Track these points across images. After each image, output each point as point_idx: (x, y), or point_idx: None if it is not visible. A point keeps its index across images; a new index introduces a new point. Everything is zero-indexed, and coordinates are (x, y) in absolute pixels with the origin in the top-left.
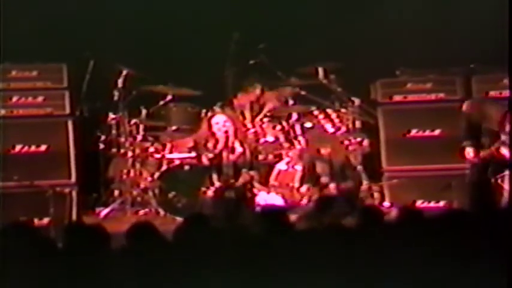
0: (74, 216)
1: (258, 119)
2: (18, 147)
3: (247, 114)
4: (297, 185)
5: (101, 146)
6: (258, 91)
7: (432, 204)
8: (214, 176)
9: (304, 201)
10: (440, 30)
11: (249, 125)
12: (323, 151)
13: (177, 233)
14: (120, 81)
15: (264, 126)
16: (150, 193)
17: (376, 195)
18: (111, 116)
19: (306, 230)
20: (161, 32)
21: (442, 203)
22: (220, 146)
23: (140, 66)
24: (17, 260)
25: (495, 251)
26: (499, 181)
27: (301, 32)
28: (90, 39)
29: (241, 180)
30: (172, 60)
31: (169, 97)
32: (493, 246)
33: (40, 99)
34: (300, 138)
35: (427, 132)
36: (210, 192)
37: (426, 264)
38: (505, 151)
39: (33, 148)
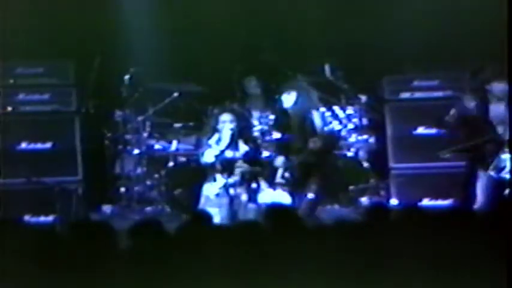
0: (81, 213)
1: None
2: (24, 144)
3: (254, 111)
4: None
5: (108, 142)
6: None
7: (439, 201)
8: (219, 174)
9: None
10: (448, 27)
11: (256, 122)
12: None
13: (182, 229)
14: (126, 78)
15: (270, 123)
16: (157, 190)
17: (382, 192)
18: (118, 112)
19: (312, 227)
20: (168, 29)
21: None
22: (224, 143)
23: (147, 63)
24: (22, 256)
25: (497, 250)
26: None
27: (308, 29)
28: (97, 36)
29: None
30: (179, 57)
31: (175, 94)
32: (496, 246)
33: (46, 96)
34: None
35: (434, 130)
36: (216, 189)
37: (431, 262)
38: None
39: (39, 145)
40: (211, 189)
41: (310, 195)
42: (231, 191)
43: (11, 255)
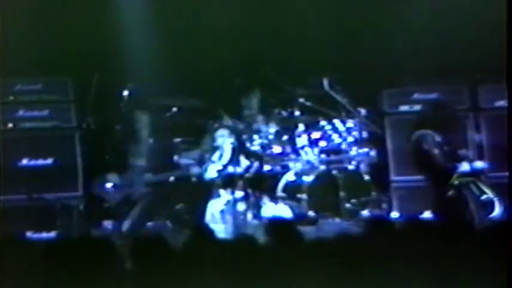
0: (82, 229)
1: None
2: (25, 161)
3: (255, 125)
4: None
5: (108, 158)
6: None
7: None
8: (223, 190)
9: None
10: (447, 41)
11: (256, 136)
12: None
13: (184, 245)
14: (125, 94)
15: (270, 137)
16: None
17: (384, 205)
18: (118, 128)
19: (314, 241)
20: (166, 44)
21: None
22: (226, 158)
23: (145, 79)
24: (23, 273)
25: (498, 262)
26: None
27: (307, 44)
28: (96, 52)
29: None
30: (177, 72)
31: (174, 109)
32: (496, 258)
33: (46, 112)
34: (307, 149)
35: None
36: (220, 205)
37: (433, 275)
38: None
39: (40, 161)
40: (216, 206)
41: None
42: (235, 207)
43: (12, 271)
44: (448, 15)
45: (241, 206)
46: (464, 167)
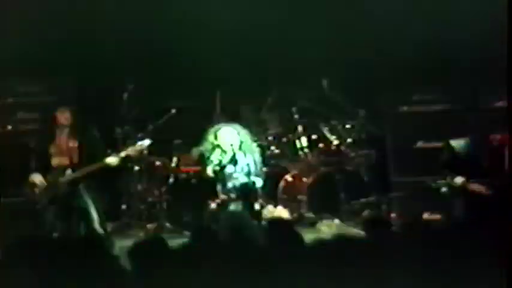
0: (82, 231)
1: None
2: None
3: (254, 127)
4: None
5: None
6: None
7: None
8: (219, 189)
9: None
10: (447, 41)
11: (256, 138)
12: None
13: (184, 246)
14: (126, 96)
15: (270, 138)
16: (158, 207)
17: (383, 206)
18: (118, 130)
19: (313, 242)
20: (167, 46)
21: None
22: (226, 158)
23: (146, 81)
24: (24, 274)
25: (497, 264)
26: None
27: (307, 45)
28: (96, 53)
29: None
30: (178, 74)
31: (173, 110)
32: (494, 259)
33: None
34: (306, 150)
35: (434, 144)
36: (215, 205)
37: (432, 275)
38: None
39: None
40: (215, 207)
41: None
42: (233, 207)
43: (14, 273)
44: (448, 16)
45: (240, 207)
46: (457, 180)
